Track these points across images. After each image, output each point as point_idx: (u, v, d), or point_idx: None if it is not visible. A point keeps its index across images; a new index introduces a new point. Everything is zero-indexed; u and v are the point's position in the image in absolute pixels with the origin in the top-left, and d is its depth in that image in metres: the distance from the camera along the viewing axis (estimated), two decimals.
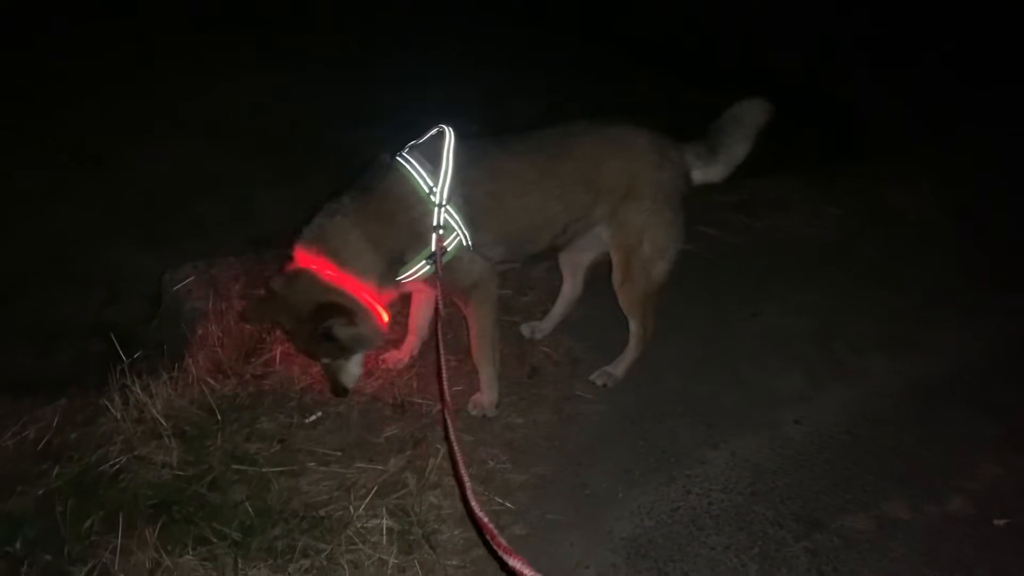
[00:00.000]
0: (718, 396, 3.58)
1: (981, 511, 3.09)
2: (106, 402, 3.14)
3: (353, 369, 3.16)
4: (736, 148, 3.41)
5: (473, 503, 1.84)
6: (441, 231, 2.97)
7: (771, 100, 3.43)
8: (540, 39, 9.27)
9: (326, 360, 3.10)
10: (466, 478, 1.96)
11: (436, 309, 2.80)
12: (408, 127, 3.24)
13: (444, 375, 2.45)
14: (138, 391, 3.18)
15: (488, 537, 1.72)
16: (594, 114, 3.45)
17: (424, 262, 3.03)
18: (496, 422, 3.31)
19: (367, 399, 3.37)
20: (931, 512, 3.07)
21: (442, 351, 2.54)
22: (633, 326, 3.52)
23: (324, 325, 2.88)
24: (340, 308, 2.90)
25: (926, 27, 8.58)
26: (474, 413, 3.31)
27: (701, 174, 3.41)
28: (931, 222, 5.30)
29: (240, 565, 2.60)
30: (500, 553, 1.66)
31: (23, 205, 5.57)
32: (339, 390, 3.16)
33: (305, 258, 2.97)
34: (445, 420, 2.26)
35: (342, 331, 2.92)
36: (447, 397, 2.36)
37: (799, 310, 4.20)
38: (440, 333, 2.63)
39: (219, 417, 3.18)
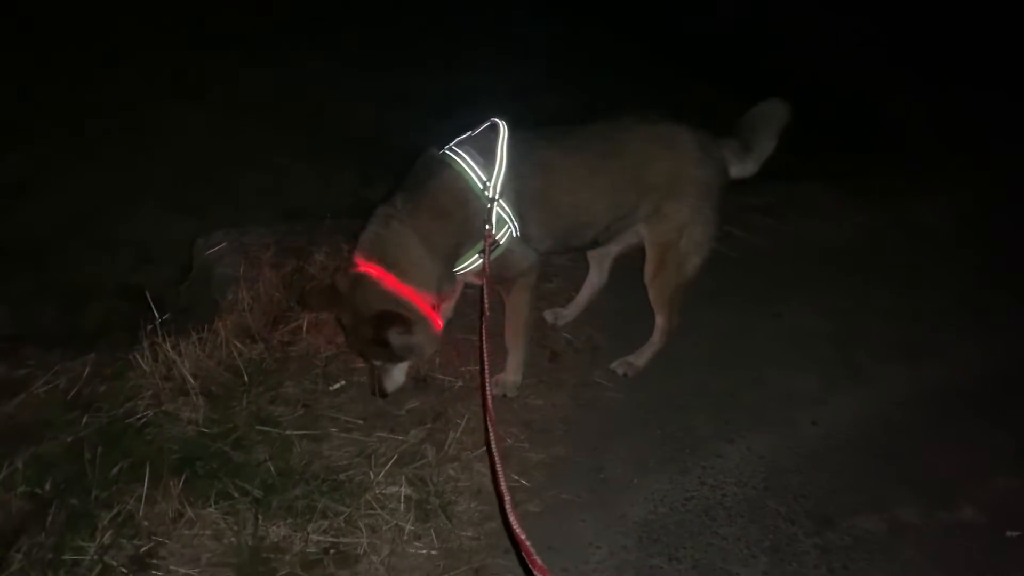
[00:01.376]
0: (736, 393, 3.60)
1: (993, 521, 3.10)
2: (137, 356, 3.20)
3: (397, 376, 3.17)
4: (767, 144, 3.46)
5: (512, 519, 1.84)
6: (492, 226, 2.98)
7: (803, 104, 3.51)
8: (574, 37, 9.29)
9: (377, 362, 3.12)
10: (506, 493, 1.95)
11: (482, 310, 2.80)
12: (436, 114, 3.26)
13: (488, 389, 2.42)
14: (168, 349, 3.24)
15: (524, 554, 1.74)
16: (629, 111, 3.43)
17: (477, 255, 3.06)
18: (515, 402, 3.36)
19: None
20: (943, 519, 3.09)
21: (486, 359, 2.53)
22: (659, 319, 3.55)
23: (382, 333, 2.90)
24: (400, 318, 2.92)
25: (965, 43, 8.54)
26: (495, 392, 3.32)
27: (736, 170, 3.44)
28: (958, 235, 5.30)
29: (260, 521, 2.66)
30: (536, 572, 1.68)
31: (57, 166, 5.67)
32: (380, 392, 3.17)
33: (366, 266, 2.98)
34: (487, 430, 2.26)
35: (397, 340, 2.93)
36: (490, 406, 2.33)
37: (820, 314, 4.22)
38: (484, 337, 2.63)
39: (246, 379, 3.24)
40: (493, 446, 2.15)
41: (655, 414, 3.43)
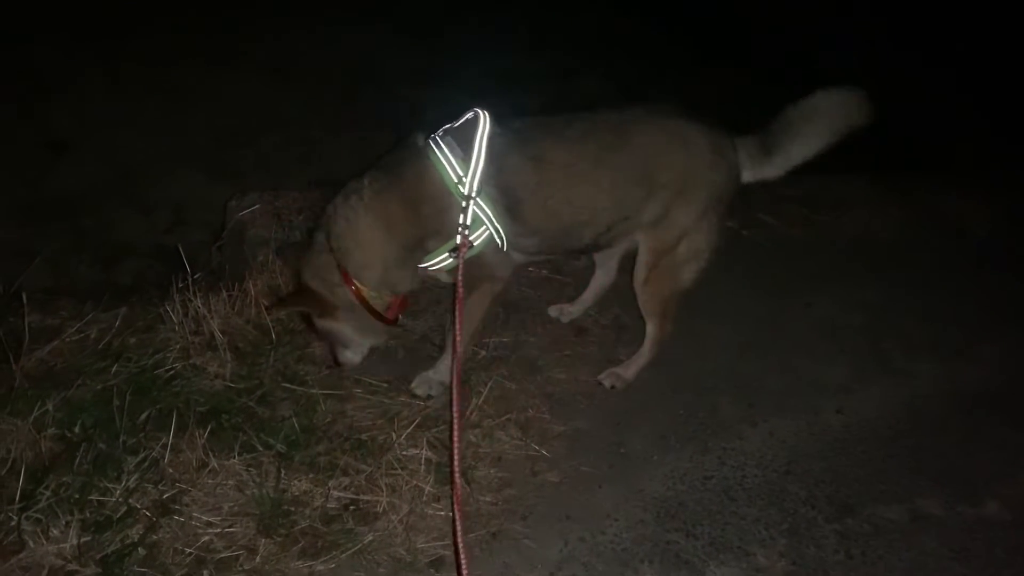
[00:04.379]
0: (762, 378, 3.57)
1: (1017, 519, 3.05)
2: (167, 309, 3.24)
3: (349, 354, 3.12)
4: (795, 150, 3.07)
5: None
6: (467, 228, 2.76)
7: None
8: (617, 27, 9.21)
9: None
10: (463, 553, 1.86)
11: (454, 321, 2.59)
12: (472, 92, 3.20)
13: (457, 429, 2.23)
14: (198, 304, 3.28)
15: None
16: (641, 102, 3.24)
17: (447, 254, 2.86)
18: (539, 375, 3.36)
19: (416, 339, 3.45)
20: (965, 512, 3.04)
21: (455, 386, 2.37)
22: (649, 327, 3.30)
23: (295, 310, 2.89)
24: (314, 301, 2.87)
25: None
26: (417, 391, 3.14)
27: (750, 174, 3.14)
28: (998, 240, 5.17)
29: (283, 474, 2.69)
30: None
31: (97, 126, 5.75)
32: (331, 362, 3.14)
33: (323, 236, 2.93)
34: (452, 476, 2.09)
35: (319, 323, 2.90)
36: (456, 442, 2.18)
37: (853, 307, 4.15)
38: (456, 362, 2.46)
39: (273, 338, 3.28)
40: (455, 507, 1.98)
41: (679, 394, 3.41)
